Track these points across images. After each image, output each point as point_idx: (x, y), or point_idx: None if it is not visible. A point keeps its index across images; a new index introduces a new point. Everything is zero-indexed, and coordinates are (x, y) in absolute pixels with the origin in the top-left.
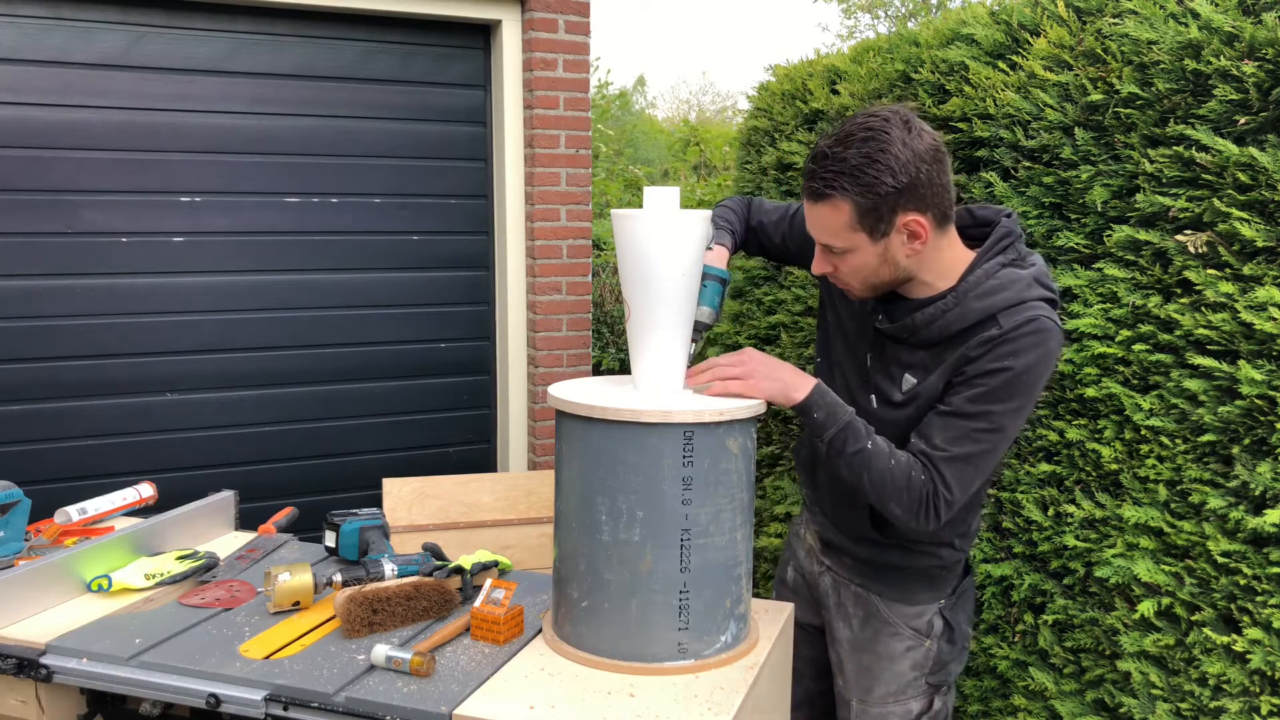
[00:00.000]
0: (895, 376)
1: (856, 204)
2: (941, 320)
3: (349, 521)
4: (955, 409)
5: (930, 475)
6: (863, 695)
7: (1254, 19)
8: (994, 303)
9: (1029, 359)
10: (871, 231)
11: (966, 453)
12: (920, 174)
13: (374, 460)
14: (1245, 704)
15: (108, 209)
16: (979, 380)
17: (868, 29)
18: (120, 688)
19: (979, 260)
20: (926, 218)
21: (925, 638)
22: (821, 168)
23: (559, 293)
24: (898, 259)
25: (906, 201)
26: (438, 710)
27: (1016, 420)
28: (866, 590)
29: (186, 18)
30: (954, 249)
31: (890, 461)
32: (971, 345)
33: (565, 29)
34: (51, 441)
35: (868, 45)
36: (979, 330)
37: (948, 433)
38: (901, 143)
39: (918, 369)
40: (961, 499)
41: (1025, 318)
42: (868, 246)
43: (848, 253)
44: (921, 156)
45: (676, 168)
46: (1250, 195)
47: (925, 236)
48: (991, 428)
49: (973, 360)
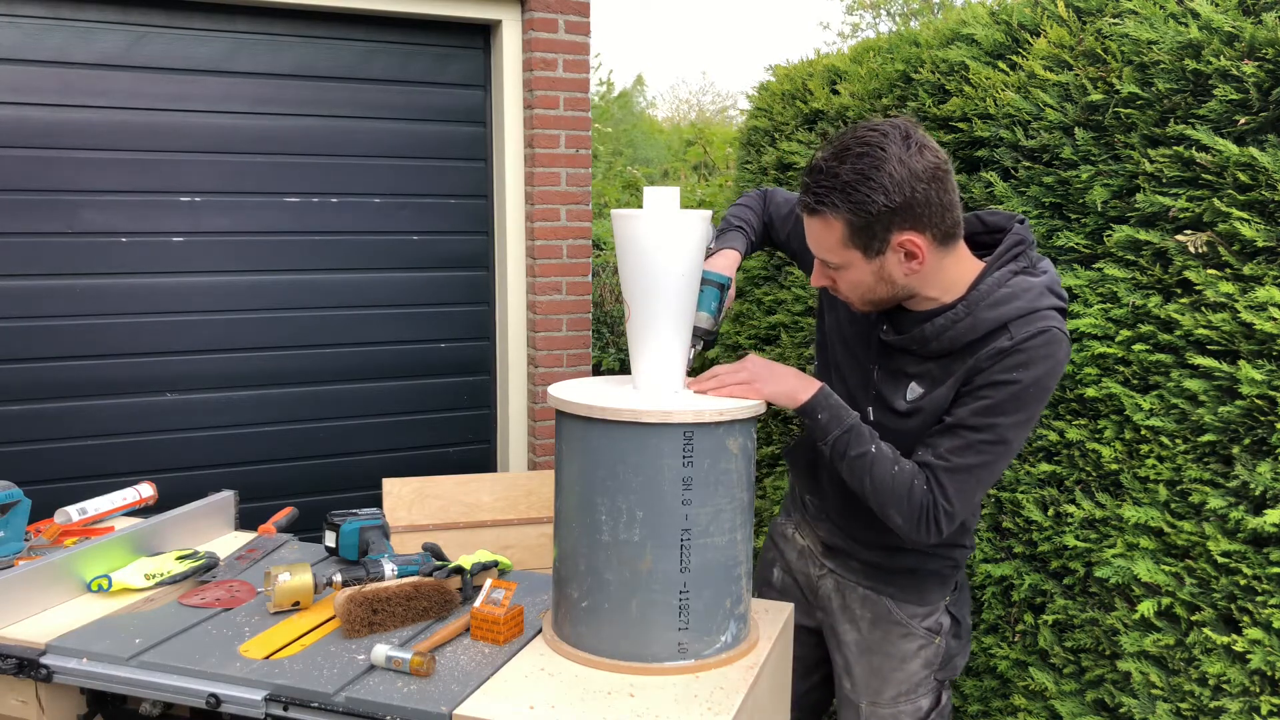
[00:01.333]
0: (900, 385)
1: (849, 222)
2: (952, 331)
3: (349, 521)
4: (960, 421)
5: (932, 486)
6: (873, 697)
7: (1254, 19)
8: (1006, 312)
9: (1038, 371)
10: (865, 249)
11: (969, 464)
12: (916, 193)
13: (374, 460)
14: (1245, 704)
15: (108, 209)
16: (985, 392)
17: (869, 28)
18: (120, 688)
19: (990, 268)
20: (924, 237)
21: (936, 635)
22: (815, 182)
23: (559, 293)
24: (895, 278)
25: (901, 221)
26: (438, 710)
27: (1022, 432)
28: (876, 593)
29: (186, 18)
30: (960, 263)
31: (894, 469)
32: (983, 357)
33: (565, 29)
34: (51, 441)
35: (868, 45)
36: (990, 340)
37: (951, 443)
38: (898, 160)
39: (924, 379)
40: (963, 512)
41: (1037, 328)
42: (862, 264)
43: (843, 269)
44: (918, 175)
45: (676, 168)
46: (1250, 195)
47: (922, 257)
48: (996, 440)
49: (982, 371)
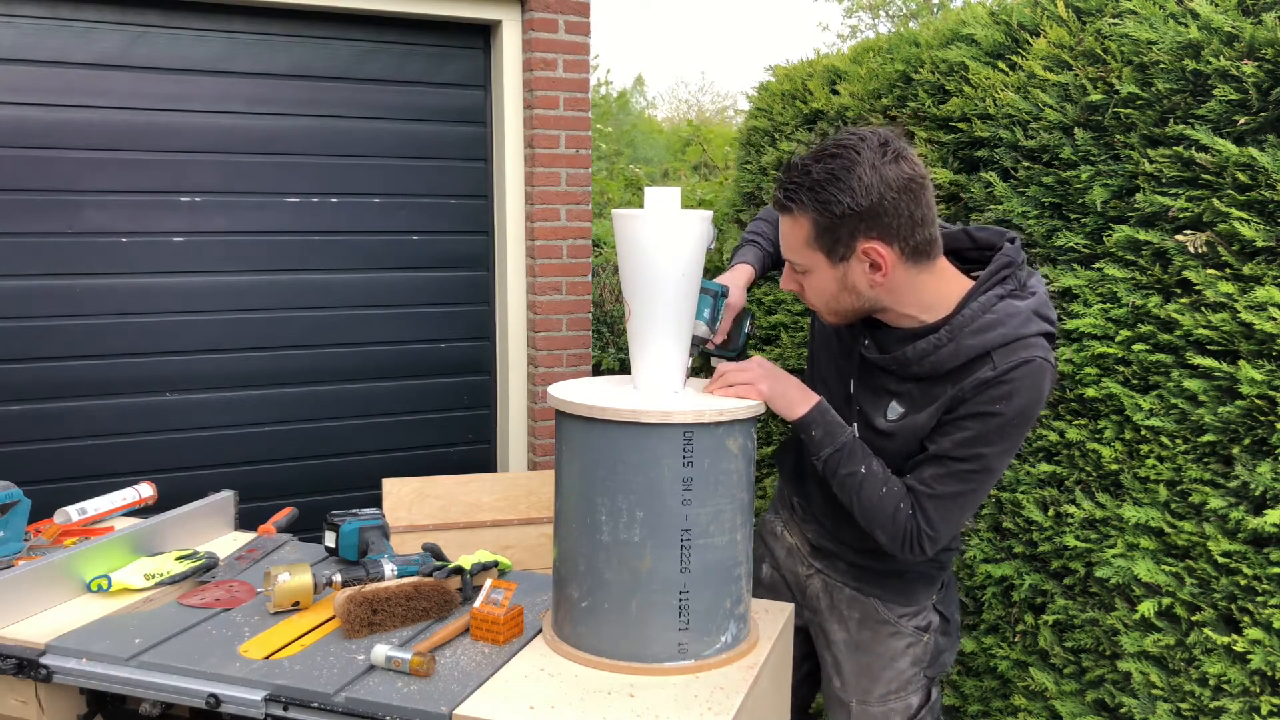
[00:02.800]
0: (881, 404)
1: (814, 221)
2: (935, 356)
3: (349, 521)
4: (944, 451)
5: (916, 512)
6: (862, 696)
7: (1254, 19)
8: (990, 339)
9: (1021, 402)
10: (829, 253)
11: (953, 492)
12: (885, 201)
13: (374, 460)
14: (1245, 704)
15: (108, 209)
16: (968, 424)
17: (868, 29)
18: (120, 688)
19: (976, 292)
20: (890, 249)
21: (925, 633)
22: (788, 179)
23: (559, 293)
24: (859, 288)
25: (867, 228)
26: (438, 710)
27: (1005, 460)
28: (864, 594)
29: (184, 18)
30: (941, 281)
31: (882, 490)
32: (966, 387)
33: (565, 29)
34: (51, 441)
35: (868, 45)
36: (973, 369)
37: (935, 471)
38: (870, 165)
39: (905, 398)
40: (945, 537)
41: (1021, 358)
42: (826, 269)
43: (809, 273)
44: (889, 183)
45: (676, 168)
46: (1250, 195)
47: (886, 269)
48: (980, 469)
49: (965, 401)
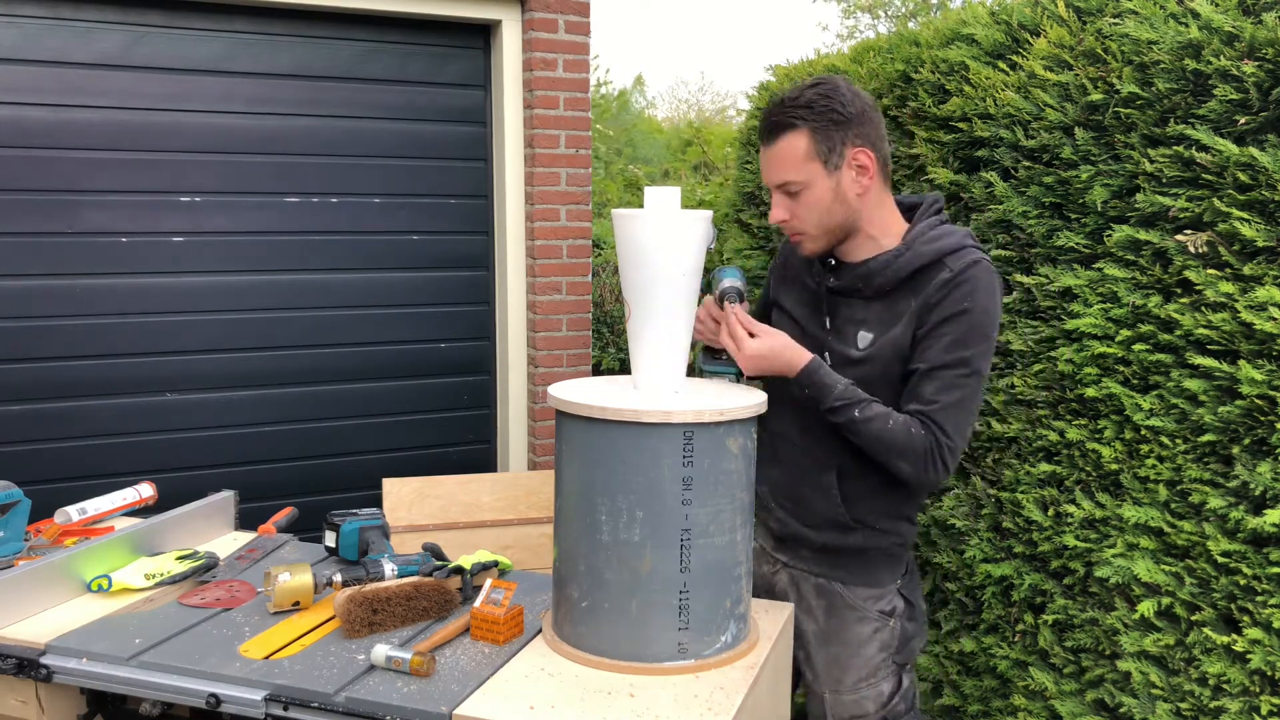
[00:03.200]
0: (850, 336)
1: (813, 131)
2: (894, 265)
3: (349, 521)
4: (933, 363)
5: (929, 429)
6: (834, 686)
7: (1254, 19)
8: (941, 246)
9: (983, 300)
10: (826, 161)
11: (955, 400)
12: (866, 111)
13: (374, 460)
14: (1245, 704)
15: (108, 209)
16: (945, 327)
17: (868, 29)
18: (120, 688)
19: (918, 220)
20: (873, 157)
21: (890, 618)
22: (781, 106)
23: (559, 293)
24: (848, 196)
25: (855, 135)
26: (438, 710)
27: (986, 361)
28: (828, 580)
29: (185, 18)
30: (893, 212)
31: (889, 423)
32: (930, 292)
33: (565, 29)
34: (51, 441)
35: (868, 45)
36: (930, 274)
37: (932, 386)
38: (847, 87)
39: (873, 324)
40: (962, 444)
41: (970, 260)
42: (822, 179)
43: (804, 190)
44: (864, 100)
45: (676, 168)
46: (1250, 195)
47: (871, 172)
48: (969, 371)
49: (934, 306)
